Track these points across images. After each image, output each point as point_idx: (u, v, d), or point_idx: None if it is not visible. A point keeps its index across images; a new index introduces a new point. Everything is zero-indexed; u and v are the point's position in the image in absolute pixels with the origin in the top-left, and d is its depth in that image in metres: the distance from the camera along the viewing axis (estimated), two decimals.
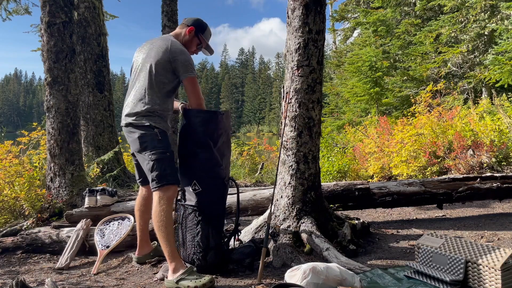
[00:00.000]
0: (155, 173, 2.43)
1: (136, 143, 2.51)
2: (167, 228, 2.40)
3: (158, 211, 2.40)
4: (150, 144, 2.47)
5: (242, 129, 75.44)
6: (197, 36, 2.75)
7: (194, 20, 2.78)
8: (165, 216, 2.40)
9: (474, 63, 12.20)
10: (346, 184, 3.96)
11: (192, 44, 2.75)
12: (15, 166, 4.44)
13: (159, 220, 2.40)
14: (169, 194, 2.44)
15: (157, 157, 2.44)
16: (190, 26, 2.73)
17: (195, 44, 2.77)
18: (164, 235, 2.39)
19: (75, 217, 3.53)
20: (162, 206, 2.40)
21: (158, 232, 2.42)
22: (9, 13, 8.05)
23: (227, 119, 2.71)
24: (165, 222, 2.39)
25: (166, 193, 2.43)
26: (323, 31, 3.04)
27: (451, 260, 2.23)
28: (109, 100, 6.67)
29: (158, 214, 2.40)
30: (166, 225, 2.40)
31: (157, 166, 2.43)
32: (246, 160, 8.83)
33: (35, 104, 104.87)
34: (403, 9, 14.97)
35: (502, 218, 3.91)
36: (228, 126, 2.71)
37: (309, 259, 2.69)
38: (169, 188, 2.44)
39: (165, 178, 2.43)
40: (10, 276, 2.76)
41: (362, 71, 13.30)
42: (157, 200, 2.42)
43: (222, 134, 2.63)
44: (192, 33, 2.73)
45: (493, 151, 5.91)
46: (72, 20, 4.69)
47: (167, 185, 2.43)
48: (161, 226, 2.39)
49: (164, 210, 2.40)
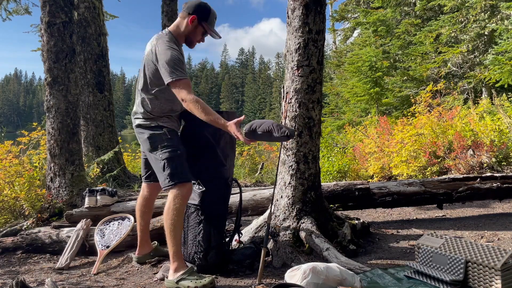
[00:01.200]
0: (167, 171, 2.39)
1: (146, 143, 2.49)
2: (176, 228, 2.37)
3: (171, 209, 2.36)
4: (160, 144, 2.44)
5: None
6: (201, 24, 2.54)
7: (195, 6, 2.52)
8: (177, 215, 2.36)
9: (474, 63, 12.20)
10: (346, 184, 3.96)
11: (196, 34, 2.57)
12: (15, 166, 4.44)
13: (170, 218, 2.36)
14: (184, 191, 2.39)
15: (168, 156, 2.41)
16: (192, 15, 2.50)
17: (200, 33, 2.57)
18: (173, 234, 2.36)
19: (75, 217, 3.53)
20: (176, 204, 2.36)
21: (167, 230, 2.38)
22: (9, 13, 8.06)
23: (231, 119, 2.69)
24: (175, 221, 2.36)
25: (181, 190, 2.38)
26: (323, 31, 3.04)
27: (451, 260, 2.23)
28: (109, 100, 6.67)
29: (171, 212, 2.36)
30: (176, 224, 2.37)
31: (169, 165, 2.39)
32: (246, 160, 8.82)
33: (35, 104, 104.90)
34: (403, 9, 14.97)
35: (502, 218, 3.90)
36: None
37: (309, 259, 2.69)
38: (183, 186, 2.39)
39: (178, 176, 2.39)
40: (10, 276, 2.76)
41: (362, 71, 13.30)
42: (172, 198, 2.38)
43: (225, 134, 2.62)
44: (195, 22, 2.51)
45: (493, 151, 5.90)
46: (72, 20, 4.69)
47: (180, 183, 2.39)
48: (171, 225, 2.36)
49: (177, 209, 2.36)
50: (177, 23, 2.57)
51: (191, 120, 2.58)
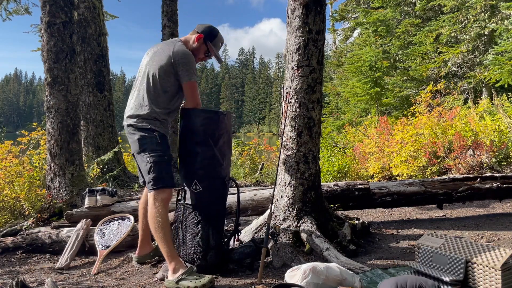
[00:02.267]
0: (152, 175, 2.48)
1: (136, 144, 2.55)
2: (163, 229, 2.44)
3: (153, 212, 2.46)
4: (149, 147, 2.51)
5: (242, 129, 75.39)
6: (205, 43, 2.73)
7: (205, 27, 2.76)
8: (161, 218, 2.44)
9: (474, 63, 12.20)
10: (346, 184, 3.96)
11: (199, 52, 2.73)
12: (15, 166, 4.44)
13: (155, 221, 2.44)
14: (164, 196, 2.49)
15: (155, 160, 2.48)
16: (200, 33, 2.71)
17: (203, 51, 2.75)
18: (161, 236, 2.43)
19: (75, 217, 3.53)
20: (157, 207, 2.45)
21: (155, 234, 2.46)
22: (9, 13, 8.06)
23: (229, 119, 2.72)
24: (161, 223, 2.44)
25: (161, 195, 2.48)
26: (323, 31, 3.04)
27: (451, 260, 2.23)
28: (109, 100, 6.67)
29: (154, 215, 2.45)
30: (162, 226, 2.44)
31: (155, 169, 2.48)
32: (246, 160, 8.82)
33: (35, 104, 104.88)
34: (403, 9, 14.97)
35: (502, 218, 3.91)
36: (229, 127, 2.72)
37: (309, 259, 2.69)
38: (164, 191, 2.49)
39: (161, 181, 2.48)
40: (10, 276, 2.76)
41: (362, 71, 13.29)
42: (152, 202, 2.47)
43: (223, 134, 2.63)
44: (200, 40, 2.70)
45: (493, 151, 5.90)
46: (72, 20, 4.68)
47: (163, 188, 2.48)
48: (157, 227, 2.44)
49: (159, 211, 2.44)
50: (187, 37, 2.76)
51: (189, 118, 2.60)
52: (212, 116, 2.63)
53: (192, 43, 2.71)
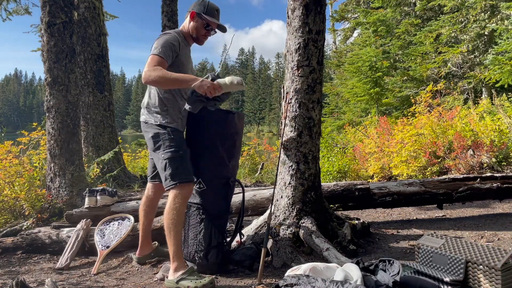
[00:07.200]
0: (168, 171, 2.42)
1: (150, 142, 2.53)
2: (176, 227, 2.39)
3: (171, 209, 2.39)
4: (163, 144, 2.47)
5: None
6: (201, 17, 2.61)
7: (194, 3, 2.66)
8: (177, 215, 2.38)
9: (474, 63, 12.20)
10: (346, 184, 3.96)
11: (199, 28, 2.63)
12: (15, 166, 4.44)
13: (170, 218, 2.38)
14: (184, 192, 2.42)
15: (169, 156, 2.43)
16: (191, 11, 2.62)
17: (202, 26, 2.63)
18: (173, 234, 2.38)
19: (75, 217, 3.53)
20: (176, 204, 2.39)
21: (167, 230, 2.40)
22: (9, 13, 8.06)
23: (240, 120, 2.68)
24: (176, 220, 2.38)
25: (181, 191, 2.41)
26: (323, 31, 3.04)
27: (451, 260, 2.23)
28: (109, 100, 6.67)
29: (171, 212, 2.38)
30: (177, 223, 2.38)
31: (170, 165, 2.42)
32: (246, 160, 8.82)
33: (35, 104, 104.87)
34: (403, 9, 14.98)
35: (502, 218, 3.90)
36: (239, 127, 2.69)
37: (309, 259, 2.69)
38: (182, 186, 2.42)
39: (178, 176, 2.41)
40: (10, 276, 2.76)
41: (362, 71, 13.29)
42: (172, 198, 2.40)
43: (232, 134, 2.61)
44: (195, 17, 2.61)
45: (493, 151, 5.90)
46: (72, 20, 4.69)
47: (181, 183, 2.41)
48: (171, 225, 2.38)
49: (177, 208, 2.38)
50: (183, 24, 2.71)
51: (197, 116, 2.57)
52: (221, 115, 2.61)
53: (188, 24, 2.65)
